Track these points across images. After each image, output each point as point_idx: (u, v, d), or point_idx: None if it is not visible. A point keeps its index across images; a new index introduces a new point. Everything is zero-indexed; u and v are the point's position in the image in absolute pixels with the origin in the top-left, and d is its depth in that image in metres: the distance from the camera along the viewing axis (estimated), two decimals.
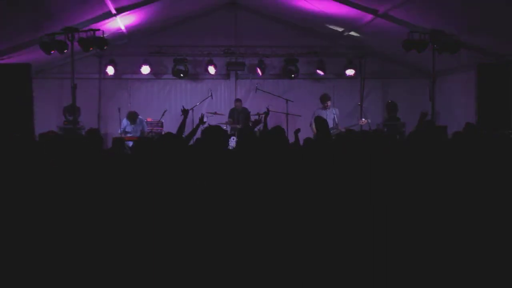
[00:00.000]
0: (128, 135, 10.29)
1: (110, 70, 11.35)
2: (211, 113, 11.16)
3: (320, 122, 5.11)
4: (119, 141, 6.87)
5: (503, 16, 7.52)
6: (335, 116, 10.25)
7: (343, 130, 9.68)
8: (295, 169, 4.00)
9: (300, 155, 4.24)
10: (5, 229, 3.50)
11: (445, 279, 3.38)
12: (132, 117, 10.49)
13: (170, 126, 11.12)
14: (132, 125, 10.55)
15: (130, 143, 8.41)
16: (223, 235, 3.53)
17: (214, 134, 4.50)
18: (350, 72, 11.77)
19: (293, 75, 11.79)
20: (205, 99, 11.56)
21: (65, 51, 8.49)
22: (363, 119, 10.63)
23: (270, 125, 7.36)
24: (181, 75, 11.64)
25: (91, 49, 8.83)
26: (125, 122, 10.56)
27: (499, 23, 7.87)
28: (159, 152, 4.01)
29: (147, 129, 10.70)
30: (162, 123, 10.90)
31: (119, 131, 10.48)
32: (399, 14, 8.69)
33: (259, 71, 11.71)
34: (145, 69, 11.49)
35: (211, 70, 11.62)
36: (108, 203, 3.61)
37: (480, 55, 9.39)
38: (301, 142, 5.85)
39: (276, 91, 11.67)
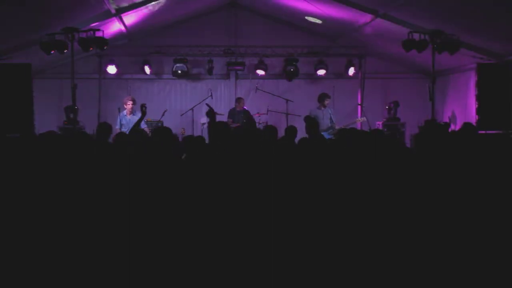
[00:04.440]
0: (123, 129, 10.16)
1: (112, 69, 11.35)
2: None
3: (310, 121, 5.18)
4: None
5: (503, 16, 7.52)
6: (331, 115, 10.22)
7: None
8: (292, 169, 4.01)
9: (297, 155, 4.25)
10: (6, 230, 3.50)
11: (446, 279, 3.38)
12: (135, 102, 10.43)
13: (170, 126, 11.08)
14: (128, 117, 10.42)
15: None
16: (221, 234, 3.53)
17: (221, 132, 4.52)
18: (350, 71, 11.77)
19: (291, 77, 11.77)
20: (205, 99, 11.56)
21: (65, 51, 8.49)
22: (359, 118, 10.62)
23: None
24: (181, 75, 11.64)
25: (91, 49, 8.82)
26: (121, 115, 10.45)
27: (499, 23, 7.87)
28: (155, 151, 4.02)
29: (143, 126, 10.40)
30: (162, 123, 10.88)
31: (117, 127, 10.42)
32: (399, 14, 8.69)
33: (258, 72, 11.71)
34: (147, 69, 11.60)
35: (210, 70, 11.64)
36: (108, 202, 3.61)
37: (480, 55, 9.39)
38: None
39: (276, 91, 11.67)
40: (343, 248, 3.52)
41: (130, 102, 10.35)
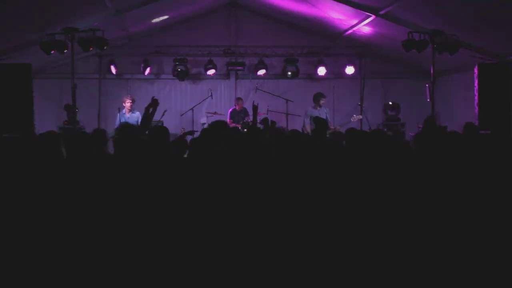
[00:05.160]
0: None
1: (112, 69, 11.36)
2: (211, 113, 11.18)
3: (320, 122, 5.17)
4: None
5: (503, 16, 7.52)
6: (327, 115, 10.22)
7: (338, 127, 9.72)
8: (293, 168, 4.00)
9: (300, 153, 4.24)
10: (6, 230, 3.50)
11: (446, 279, 3.38)
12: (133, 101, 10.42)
13: (170, 126, 11.09)
14: (127, 116, 10.40)
15: None
16: (221, 234, 3.53)
17: (218, 129, 4.52)
18: (350, 71, 11.76)
19: (290, 74, 11.75)
20: (205, 99, 11.58)
21: (65, 51, 8.49)
22: (355, 116, 10.60)
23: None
24: (181, 74, 11.64)
25: (91, 49, 8.81)
26: (120, 114, 10.45)
27: (499, 23, 7.86)
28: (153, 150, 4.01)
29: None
30: (162, 123, 10.88)
31: (116, 126, 10.41)
32: (399, 14, 8.68)
33: (258, 72, 11.70)
34: (147, 70, 11.56)
35: (211, 71, 11.63)
36: (108, 203, 3.60)
37: (480, 55, 9.39)
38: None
39: (276, 91, 11.68)
40: (344, 248, 3.52)
41: (129, 101, 10.37)
